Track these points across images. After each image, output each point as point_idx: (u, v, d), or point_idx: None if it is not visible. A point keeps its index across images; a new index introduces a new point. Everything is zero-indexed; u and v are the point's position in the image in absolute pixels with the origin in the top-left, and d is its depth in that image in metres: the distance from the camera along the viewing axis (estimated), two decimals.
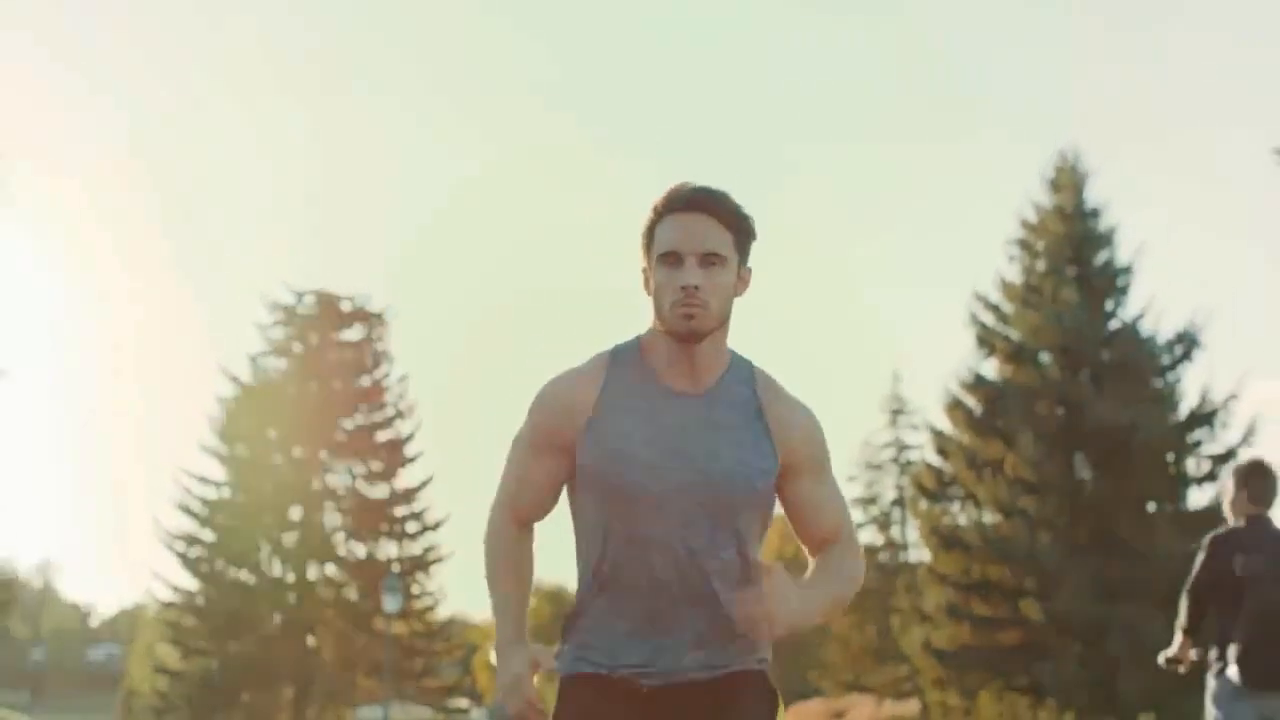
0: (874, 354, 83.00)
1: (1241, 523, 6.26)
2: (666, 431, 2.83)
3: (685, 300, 2.78)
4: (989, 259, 67.27)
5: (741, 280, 2.88)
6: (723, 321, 2.85)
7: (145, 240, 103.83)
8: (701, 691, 2.85)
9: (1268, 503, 6.27)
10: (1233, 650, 6.05)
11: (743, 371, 2.92)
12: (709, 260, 2.80)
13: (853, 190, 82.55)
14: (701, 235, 2.80)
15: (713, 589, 2.82)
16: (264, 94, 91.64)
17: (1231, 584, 6.07)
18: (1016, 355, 26.46)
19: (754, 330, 2.74)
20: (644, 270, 2.90)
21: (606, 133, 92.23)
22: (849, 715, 37.98)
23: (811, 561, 2.99)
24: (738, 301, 2.88)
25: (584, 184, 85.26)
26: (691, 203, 2.82)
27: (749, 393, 2.89)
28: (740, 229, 2.85)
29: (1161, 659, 6.52)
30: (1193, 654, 6.32)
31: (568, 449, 2.88)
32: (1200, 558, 6.26)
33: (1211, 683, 6.22)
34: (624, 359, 2.91)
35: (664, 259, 2.81)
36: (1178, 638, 6.32)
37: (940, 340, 66.83)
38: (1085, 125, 69.70)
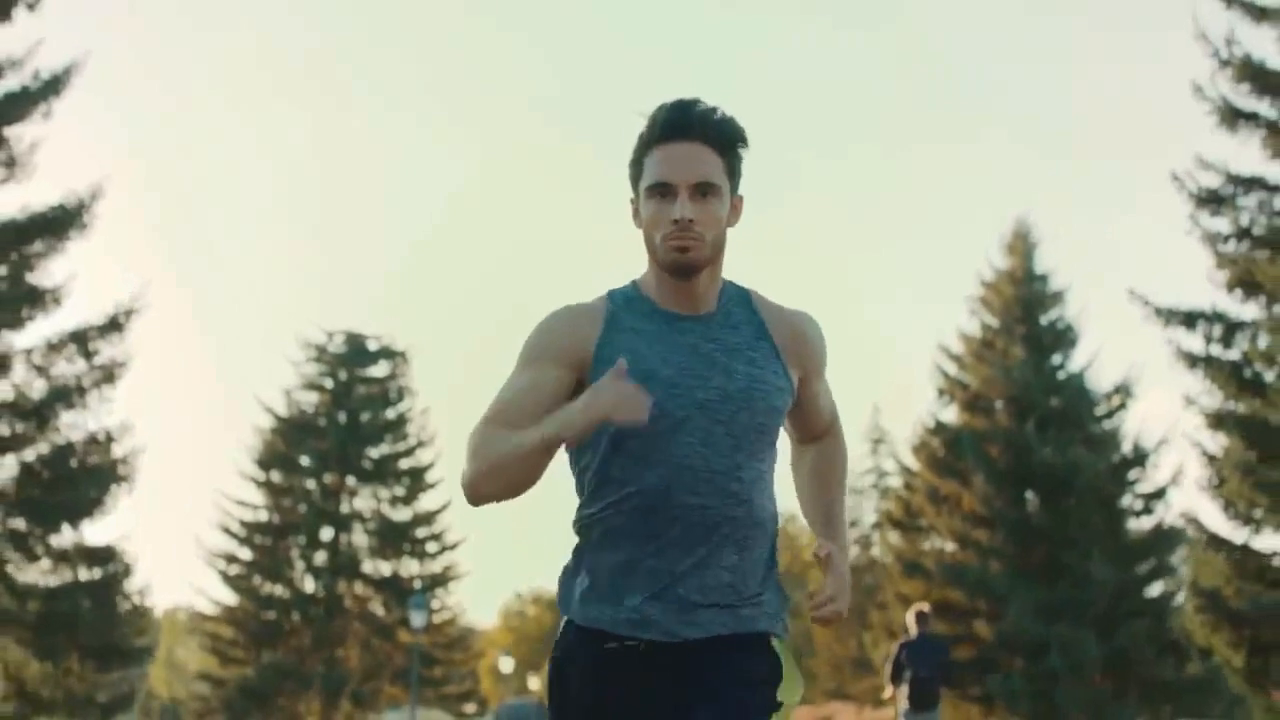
0: (874, 355, 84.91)
1: (914, 635, 12.92)
2: (680, 350, 2.76)
3: (678, 233, 2.70)
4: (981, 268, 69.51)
5: (734, 209, 2.79)
6: (718, 253, 2.77)
7: (145, 243, 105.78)
8: (706, 650, 2.74)
9: (925, 628, 12.97)
10: (905, 691, 12.67)
11: (740, 295, 2.87)
12: (701, 191, 2.71)
13: (852, 195, 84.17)
14: (693, 165, 2.71)
15: (735, 513, 2.73)
16: (262, 97, 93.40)
17: (904, 665, 12.69)
18: (972, 403, 30.35)
19: None
20: (632, 202, 2.81)
21: (605, 140, 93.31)
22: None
23: (801, 448, 3.10)
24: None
25: (582, 193, 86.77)
26: (682, 129, 2.73)
27: (750, 314, 2.84)
28: (732, 153, 2.77)
29: (884, 696, 12.93)
30: (897, 695, 12.78)
31: (574, 366, 2.77)
32: (893, 650, 12.86)
33: (900, 706, 12.70)
34: (621, 295, 2.85)
35: (653, 190, 2.73)
36: (888, 688, 12.66)
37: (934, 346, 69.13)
38: (1084, 130, 71.91)
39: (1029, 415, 29.31)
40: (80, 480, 18.75)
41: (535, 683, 67.94)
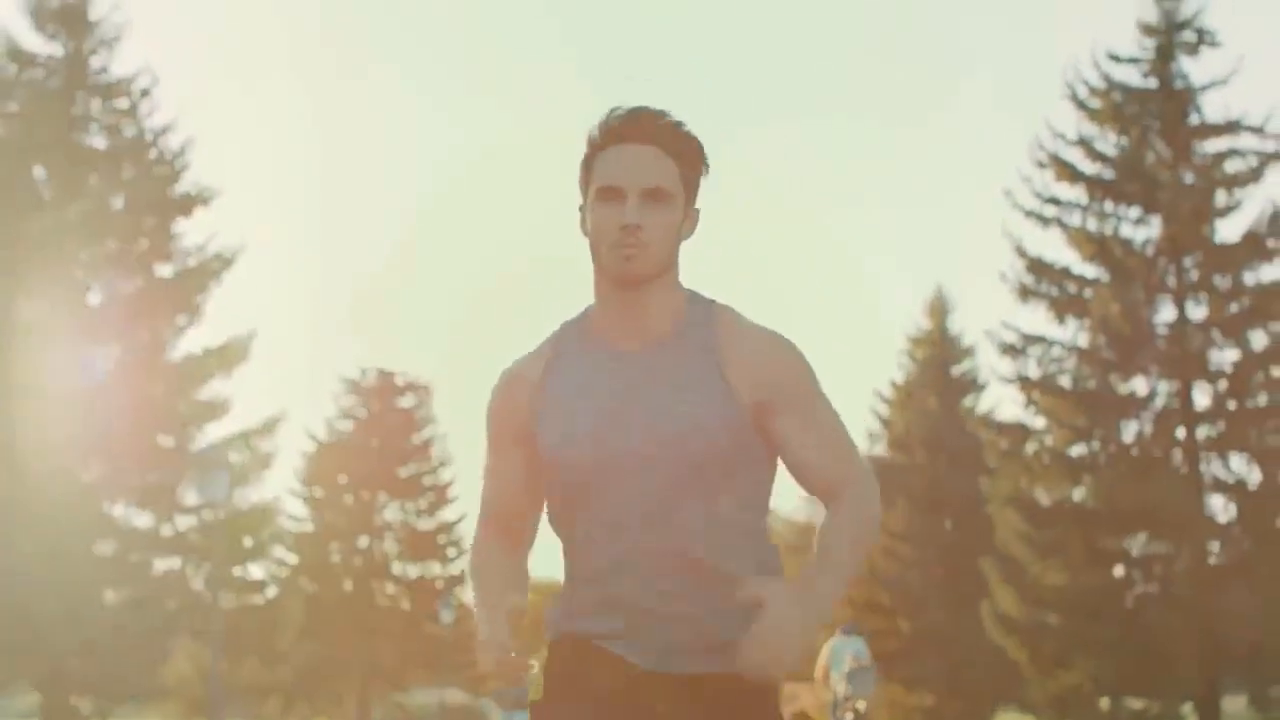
0: (857, 329, 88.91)
1: None
2: (610, 397, 2.67)
3: (624, 240, 2.59)
4: (968, 239, 74.08)
5: (689, 220, 2.69)
6: (667, 266, 2.66)
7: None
8: (693, 690, 2.67)
9: None
10: None
11: (700, 313, 2.71)
12: (652, 196, 2.61)
13: (834, 164, 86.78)
14: (644, 168, 2.61)
15: (676, 560, 2.64)
16: (269, 80, 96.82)
17: None
18: (897, 442, 38.58)
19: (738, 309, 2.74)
20: (580, 209, 2.70)
21: (592, 117, 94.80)
22: (800, 700, 49.88)
23: (825, 511, 2.73)
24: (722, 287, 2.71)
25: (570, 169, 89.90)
26: (634, 131, 2.63)
27: (706, 335, 2.68)
28: (689, 161, 2.66)
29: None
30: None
31: (522, 441, 2.76)
32: None
33: None
34: (571, 329, 2.76)
35: (602, 194, 2.63)
36: None
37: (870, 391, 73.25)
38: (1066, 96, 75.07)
39: (941, 452, 37.54)
40: (247, 536, 27.44)
41: (534, 663, 75.51)
